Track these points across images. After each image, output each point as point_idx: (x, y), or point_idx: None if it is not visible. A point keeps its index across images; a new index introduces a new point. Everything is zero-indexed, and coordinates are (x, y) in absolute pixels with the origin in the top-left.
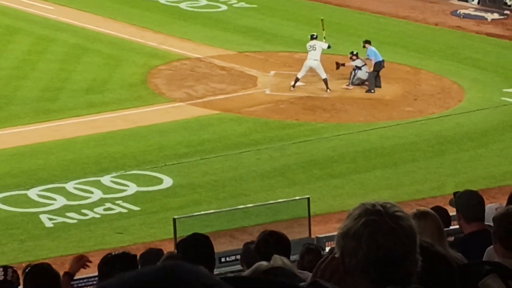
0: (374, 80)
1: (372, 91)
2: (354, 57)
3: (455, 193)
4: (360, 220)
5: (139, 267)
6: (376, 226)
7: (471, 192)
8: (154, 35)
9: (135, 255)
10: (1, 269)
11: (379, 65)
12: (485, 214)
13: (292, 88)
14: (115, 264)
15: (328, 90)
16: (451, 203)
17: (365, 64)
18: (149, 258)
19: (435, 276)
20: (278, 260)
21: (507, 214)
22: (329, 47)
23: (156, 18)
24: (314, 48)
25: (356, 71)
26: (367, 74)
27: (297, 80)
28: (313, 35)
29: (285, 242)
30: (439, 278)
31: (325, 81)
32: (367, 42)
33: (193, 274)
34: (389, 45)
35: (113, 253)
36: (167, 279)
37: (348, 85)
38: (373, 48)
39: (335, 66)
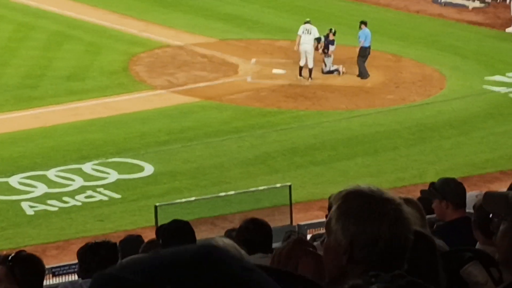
0: (364, 67)
1: (366, 77)
2: (331, 35)
3: (432, 184)
4: (373, 208)
5: (119, 254)
6: (395, 214)
7: (454, 179)
8: (135, 22)
9: (115, 243)
10: None
11: (364, 50)
12: (466, 202)
13: (299, 77)
14: (96, 251)
15: (310, 79)
16: (430, 193)
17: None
18: (128, 245)
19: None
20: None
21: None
22: (319, 39)
23: (137, 6)
24: (309, 32)
25: (325, 57)
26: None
27: (300, 69)
28: (308, 20)
29: (266, 229)
30: (421, 256)
31: (310, 70)
32: (364, 23)
33: (230, 257)
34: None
35: (94, 241)
36: (204, 259)
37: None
38: (367, 31)
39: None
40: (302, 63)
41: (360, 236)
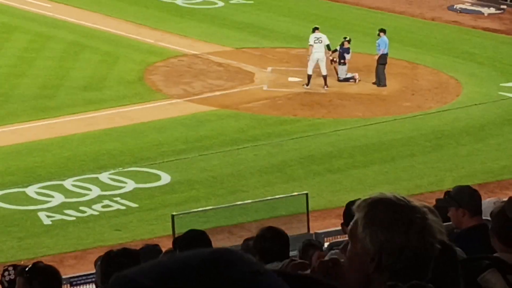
0: (384, 74)
1: (383, 85)
2: (346, 43)
3: (447, 192)
4: (400, 216)
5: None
6: (422, 222)
7: (469, 187)
8: (151, 32)
9: (138, 252)
10: (12, 267)
11: (384, 58)
12: (483, 208)
13: (306, 87)
14: (118, 260)
15: (325, 86)
16: (445, 201)
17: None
18: (147, 254)
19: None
20: None
21: (505, 210)
22: (329, 47)
23: (153, 15)
24: (320, 41)
25: (339, 64)
26: (345, 71)
27: (309, 77)
28: (317, 27)
29: (283, 237)
30: (443, 265)
31: (325, 77)
32: (382, 31)
33: (242, 260)
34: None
35: (115, 250)
36: (216, 263)
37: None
38: (385, 39)
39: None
40: (310, 72)
41: (388, 244)
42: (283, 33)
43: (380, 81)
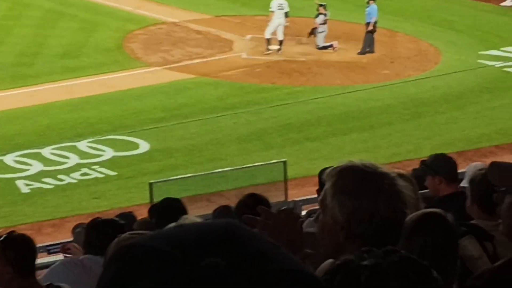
0: (373, 41)
1: (371, 51)
2: (322, 9)
3: (423, 161)
4: (369, 184)
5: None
6: (391, 189)
7: (444, 155)
8: (129, 0)
9: (123, 224)
10: None
11: (374, 26)
12: (468, 173)
13: (269, 51)
14: (103, 230)
15: (280, 50)
16: (422, 170)
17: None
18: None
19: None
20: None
21: (486, 176)
22: (287, 14)
23: None
24: (282, 7)
25: (316, 31)
26: (323, 39)
27: (268, 41)
28: None
29: (265, 204)
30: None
31: (281, 42)
32: None
33: (253, 237)
34: (365, 7)
35: (101, 219)
36: (227, 236)
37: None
38: (375, 7)
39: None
40: (268, 36)
41: (357, 212)
42: (262, 1)
43: (368, 48)
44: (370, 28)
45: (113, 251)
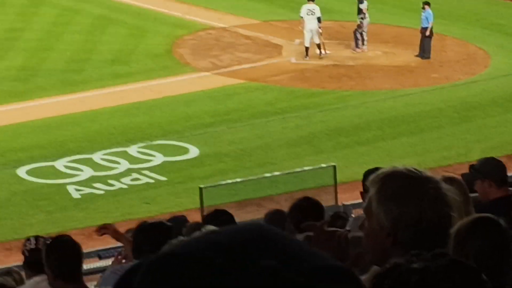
0: (430, 46)
1: (428, 57)
2: None
3: (472, 165)
4: (413, 189)
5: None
6: (436, 193)
7: (493, 158)
8: (178, 5)
9: (170, 226)
10: (33, 238)
11: (431, 31)
12: None
13: (307, 58)
14: (150, 233)
15: (321, 54)
16: (471, 175)
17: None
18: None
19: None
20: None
21: None
22: (319, 19)
23: None
24: (312, 13)
25: (358, 30)
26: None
27: (307, 49)
28: None
29: (318, 208)
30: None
31: (319, 45)
32: (427, 3)
33: (286, 238)
34: (413, 11)
35: (148, 222)
36: (263, 238)
37: (356, 49)
38: (431, 12)
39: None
40: (307, 44)
41: (403, 217)
42: None
43: (425, 53)
44: (428, 33)
45: (148, 261)
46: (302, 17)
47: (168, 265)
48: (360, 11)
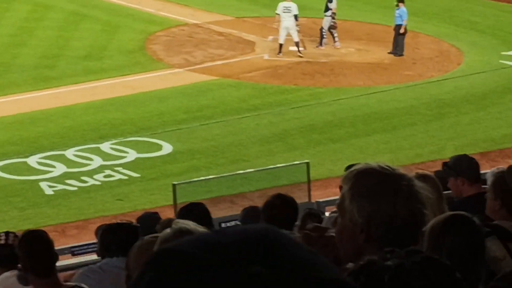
0: (403, 44)
1: (402, 55)
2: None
3: (444, 163)
4: (386, 185)
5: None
6: (409, 190)
7: (466, 155)
8: (151, 2)
9: (137, 226)
10: (3, 234)
11: (405, 28)
12: (488, 175)
13: (280, 54)
14: (116, 233)
15: (299, 52)
16: (444, 172)
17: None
18: (144, 222)
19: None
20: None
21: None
22: (296, 17)
23: None
24: (289, 10)
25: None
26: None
27: (281, 46)
28: None
29: (292, 205)
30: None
31: (297, 44)
32: (401, 1)
33: (293, 244)
34: (386, 8)
35: (115, 222)
36: (267, 242)
37: (318, 46)
38: (405, 9)
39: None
40: (281, 41)
41: (376, 214)
42: None
43: (399, 50)
44: (403, 31)
45: (149, 257)
46: (278, 14)
47: (165, 261)
48: (327, 9)
